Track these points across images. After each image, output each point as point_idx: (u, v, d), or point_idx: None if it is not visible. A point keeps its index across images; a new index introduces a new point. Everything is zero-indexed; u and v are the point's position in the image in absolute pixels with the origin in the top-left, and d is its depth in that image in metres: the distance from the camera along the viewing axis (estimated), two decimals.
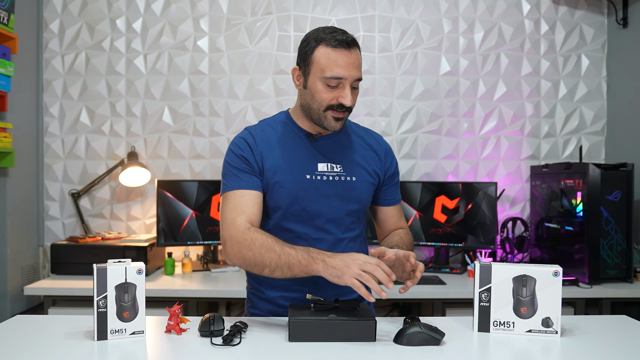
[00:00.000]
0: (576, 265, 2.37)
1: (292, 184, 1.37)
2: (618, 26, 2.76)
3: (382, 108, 2.82)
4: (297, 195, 1.37)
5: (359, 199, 1.43)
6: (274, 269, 1.25)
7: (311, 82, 1.35)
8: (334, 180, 1.40)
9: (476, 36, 2.83)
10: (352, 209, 1.42)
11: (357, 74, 1.33)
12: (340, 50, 1.31)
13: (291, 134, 1.43)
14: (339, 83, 1.32)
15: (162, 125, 2.81)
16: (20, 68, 2.53)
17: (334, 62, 1.31)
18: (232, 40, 2.81)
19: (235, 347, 1.16)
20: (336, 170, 1.41)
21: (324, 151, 1.42)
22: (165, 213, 2.56)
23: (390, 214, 1.54)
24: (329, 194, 1.39)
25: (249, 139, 1.40)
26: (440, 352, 1.14)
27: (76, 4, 2.79)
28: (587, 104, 2.87)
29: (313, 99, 1.35)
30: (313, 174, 1.39)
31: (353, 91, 1.34)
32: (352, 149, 1.45)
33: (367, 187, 1.44)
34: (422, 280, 2.35)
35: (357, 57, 1.33)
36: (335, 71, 1.30)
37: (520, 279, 1.25)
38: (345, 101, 1.32)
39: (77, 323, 1.31)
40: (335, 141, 1.44)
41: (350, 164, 1.42)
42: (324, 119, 1.35)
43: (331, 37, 1.32)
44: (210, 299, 2.34)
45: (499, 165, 2.85)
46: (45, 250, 2.77)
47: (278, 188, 1.37)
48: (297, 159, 1.39)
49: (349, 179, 1.41)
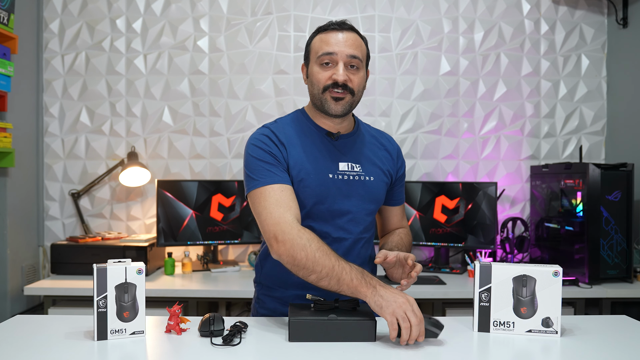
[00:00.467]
0: (576, 265, 2.37)
1: (316, 183, 1.36)
2: (618, 26, 2.76)
3: (382, 108, 2.82)
4: (320, 194, 1.36)
5: (377, 198, 1.45)
6: (322, 277, 1.21)
7: (310, 69, 1.39)
8: (354, 180, 1.40)
9: (476, 36, 2.83)
10: (371, 208, 1.44)
11: (349, 50, 1.33)
12: (331, 32, 1.36)
13: (310, 132, 1.42)
14: (331, 60, 1.34)
15: (162, 125, 2.81)
16: (20, 68, 2.54)
17: (325, 42, 1.35)
18: (232, 40, 2.81)
19: (235, 347, 1.16)
20: (356, 170, 1.42)
21: (344, 150, 1.43)
22: (165, 213, 2.56)
23: (394, 214, 1.57)
24: (350, 194, 1.39)
25: (271, 136, 1.38)
26: (440, 352, 1.14)
27: (76, 4, 2.79)
28: (587, 104, 2.87)
29: (312, 84, 1.38)
30: (335, 173, 1.39)
31: (352, 71, 1.35)
32: (369, 148, 1.47)
33: (383, 187, 1.46)
34: (422, 280, 2.36)
35: (351, 36, 1.36)
36: (325, 48, 1.34)
37: (520, 279, 1.25)
38: (338, 77, 1.32)
39: (77, 323, 1.31)
40: (353, 140, 1.45)
41: (368, 164, 1.44)
42: (325, 102, 1.36)
43: (326, 25, 1.38)
44: (210, 299, 2.34)
45: (499, 165, 2.85)
46: (45, 250, 2.77)
47: (303, 187, 1.35)
48: (319, 158, 1.39)
49: (367, 178, 1.42)
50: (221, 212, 2.63)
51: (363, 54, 1.38)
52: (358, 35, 1.38)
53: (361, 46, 1.37)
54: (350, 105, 1.37)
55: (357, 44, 1.36)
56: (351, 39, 1.35)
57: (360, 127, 1.50)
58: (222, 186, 2.65)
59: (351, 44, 1.34)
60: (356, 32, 1.38)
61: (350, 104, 1.37)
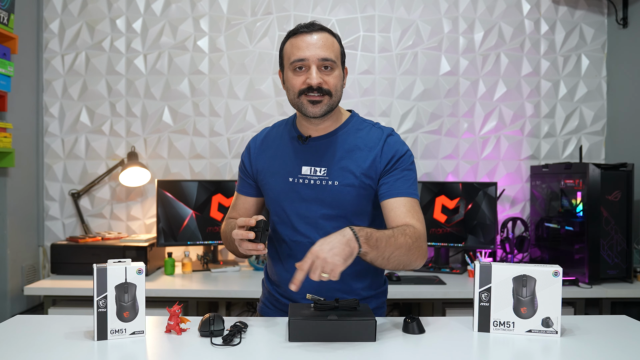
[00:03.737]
0: (576, 265, 2.37)
1: (276, 186, 1.42)
2: (618, 26, 2.76)
3: (382, 108, 2.82)
4: (278, 198, 1.42)
5: (337, 204, 1.37)
6: (229, 247, 1.46)
7: (285, 75, 1.39)
8: (315, 185, 1.39)
9: (476, 36, 2.83)
10: (330, 213, 1.38)
11: (320, 53, 1.32)
12: (301, 36, 1.34)
13: (287, 137, 1.46)
14: (304, 65, 1.33)
15: (162, 125, 2.81)
16: (20, 68, 2.54)
17: (296, 47, 1.34)
18: (232, 40, 2.81)
19: (235, 347, 1.16)
20: (319, 174, 1.39)
21: (311, 154, 1.41)
22: (165, 213, 2.56)
23: (391, 208, 1.35)
24: (308, 198, 1.39)
25: (250, 148, 1.53)
26: (440, 352, 1.14)
27: (76, 4, 2.79)
28: (587, 104, 2.87)
29: (288, 90, 1.38)
30: (296, 177, 1.40)
31: (326, 72, 1.34)
32: (345, 151, 1.39)
33: (350, 191, 1.37)
34: (422, 280, 2.36)
35: (321, 38, 1.33)
36: (296, 54, 1.33)
37: (520, 279, 1.25)
38: (311, 80, 1.32)
39: (77, 323, 1.32)
40: (326, 143, 1.41)
41: (336, 168, 1.38)
42: (302, 106, 1.36)
43: (296, 28, 1.37)
44: (210, 299, 2.34)
45: (499, 165, 2.85)
46: (45, 250, 2.77)
47: (266, 190, 1.46)
48: (284, 162, 1.43)
49: (330, 183, 1.38)
50: (221, 212, 2.63)
51: (336, 53, 1.36)
52: (329, 34, 1.36)
53: (333, 45, 1.35)
54: (329, 107, 1.35)
55: (327, 44, 1.33)
56: (321, 41, 1.33)
57: (347, 126, 1.43)
58: (222, 186, 2.65)
59: (322, 45, 1.32)
60: (327, 32, 1.36)
61: (329, 106, 1.35)
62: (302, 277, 1.14)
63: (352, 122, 1.44)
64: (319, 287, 1.27)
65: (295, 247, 1.41)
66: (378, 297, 1.50)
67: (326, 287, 1.30)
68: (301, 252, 1.31)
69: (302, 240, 1.40)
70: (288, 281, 1.23)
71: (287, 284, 1.32)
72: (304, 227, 1.40)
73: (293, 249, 1.41)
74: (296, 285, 1.15)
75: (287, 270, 1.42)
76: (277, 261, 1.48)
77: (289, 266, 1.41)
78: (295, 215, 1.40)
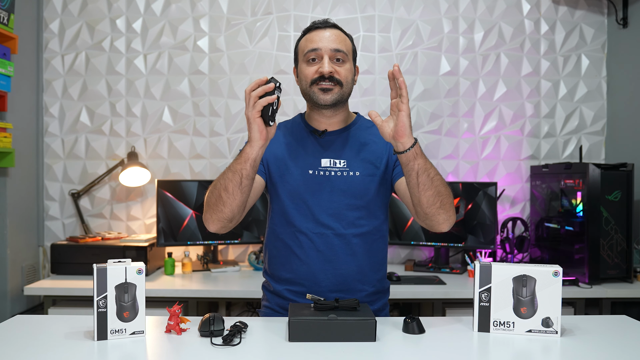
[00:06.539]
0: (576, 265, 2.37)
1: (295, 179, 1.43)
2: (618, 26, 2.76)
3: (382, 108, 2.82)
4: (299, 190, 1.43)
5: (362, 194, 1.44)
6: (221, 187, 1.35)
7: (299, 68, 1.45)
8: (336, 176, 1.43)
9: (476, 36, 2.83)
10: (354, 203, 1.43)
11: (333, 44, 1.40)
12: (314, 31, 1.43)
13: (299, 132, 1.50)
14: (317, 55, 1.40)
15: (162, 125, 2.81)
16: (20, 68, 2.54)
17: (310, 40, 1.42)
18: (232, 40, 2.81)
19: (235, 347, 1.16)
20: (339, 166, 1.44)
21: (328, 147, 1.46)
22: (165, 213, 2.56)
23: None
24: (331, 189, 1.42)
25: None
26: (440, 352, 1.14)
27: (76, 4, 2.79)
28: (587, 104, 2.87)
29: (301, 80, 1.44)
30: (316, 169, 1.43)
31: (338, 64, 1.40)
32: (360, 144, 1.47)
33: (371, 181, 1.44)
34: (422, 280, 2.36)
35: (334, 33, 1.42)
36: (309, 46, 1.41)
37: (520, 279, 1.25)
38: (323, 69, 1.38)
39: (77, 323, 1.32)
40: (342, 137, 1.48)
41: (355, 159, 1.45)
42: (313, 95, 1.41)
43: (310, 25, 1.45)
44: (210, 299, 2.33)
45: (499, 165, 2.85)
46: (45, 250, 2.77)
47: (283, 182, 1.44)
48: (301, 155, 1.45)
49: (352, 173, 1.43)
50: None
51: (348, 48, 1.43)
52: (342, 32, 1.44)
53: (345, 41, 1.43)
54: (340, 96, 1.41)
55: (340, 39, 1.42)
56: (334, 35, 1.41)
57: (358, 123, 1.52)
58: None
59: (334, 39, 1.41)
60: (340, 29, 1.45)
61: (340, 95, 1.41)
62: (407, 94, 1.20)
63: (360, 121, 1.54)
64: (342, 276, 1.41)
65: (317, 239, 1.42)
66: (384, 293, 1.53)
67: (348, 276, 1.40)
68: (324, 243, 1.40)
69: (325, 232, 1.42)
70: (308, 273, 1.32)
71: (306, 277, 1.41)
72: (326, 218, 1.42)
73: (315, 240, 1.42)
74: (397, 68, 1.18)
75: (306, 263, 1.42)
76: (292, 257, 1.43)
77: (309, 259, 1.41)
78: (318, 206, 1.42)
